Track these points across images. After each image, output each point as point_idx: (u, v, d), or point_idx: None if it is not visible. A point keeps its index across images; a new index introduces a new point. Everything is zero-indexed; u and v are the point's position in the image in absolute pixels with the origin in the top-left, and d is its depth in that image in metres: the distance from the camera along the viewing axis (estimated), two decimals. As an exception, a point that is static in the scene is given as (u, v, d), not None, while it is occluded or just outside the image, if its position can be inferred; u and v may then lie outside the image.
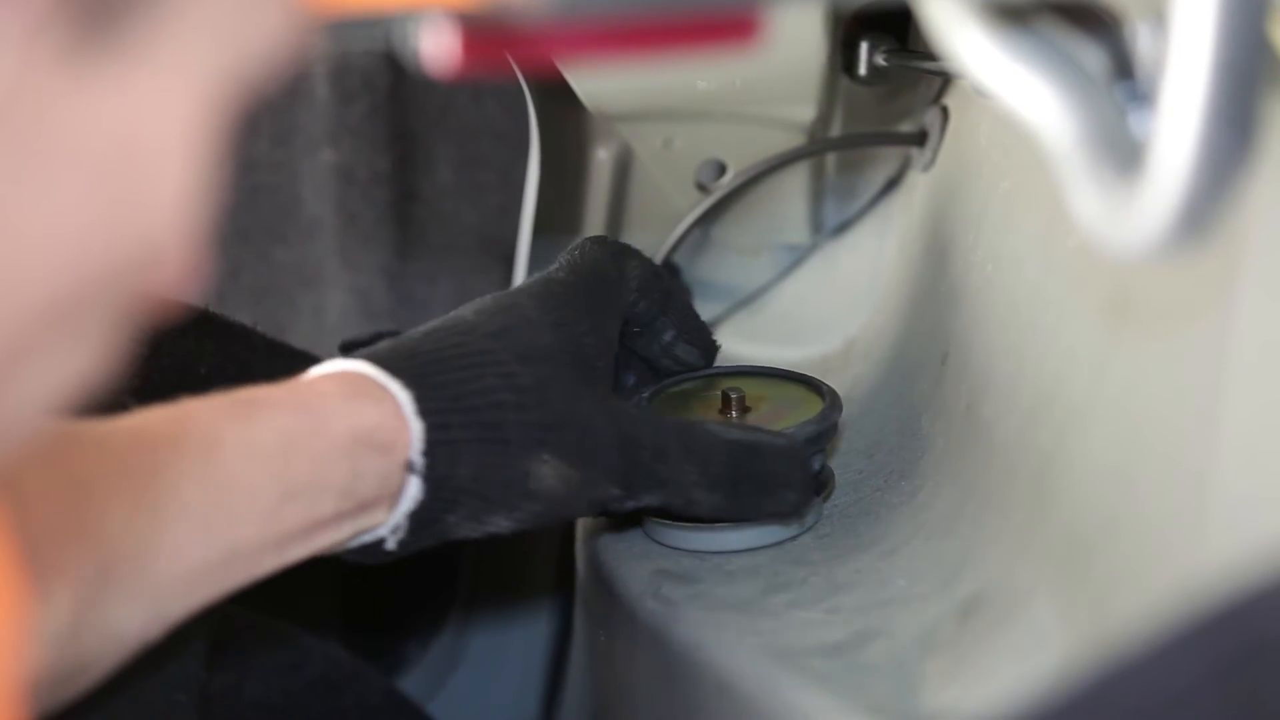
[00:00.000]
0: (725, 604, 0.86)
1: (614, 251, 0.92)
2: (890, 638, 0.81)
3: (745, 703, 0.81)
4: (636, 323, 0.93)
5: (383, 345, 0.82)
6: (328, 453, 0.77)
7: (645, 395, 0.94)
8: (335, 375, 0.80)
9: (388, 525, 0.80)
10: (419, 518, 0.80)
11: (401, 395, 0.79)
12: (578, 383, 0.84)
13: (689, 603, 0.87)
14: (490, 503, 0.81)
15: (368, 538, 0.80)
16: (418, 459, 0.79)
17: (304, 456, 0.76)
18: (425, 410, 0.79)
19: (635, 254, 0.93)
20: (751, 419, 0.93)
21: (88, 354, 0.43)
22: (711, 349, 0.97)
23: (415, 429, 0.79)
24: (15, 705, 0.42)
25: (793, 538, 0.92)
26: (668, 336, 0.94)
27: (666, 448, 0.85)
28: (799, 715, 0.78)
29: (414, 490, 0.79)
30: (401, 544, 0.81)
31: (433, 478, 0.79)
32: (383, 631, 1.28)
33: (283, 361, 0.96)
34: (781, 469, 0.87)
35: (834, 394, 0.93)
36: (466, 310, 0.86)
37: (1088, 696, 0.53)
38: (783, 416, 0.92)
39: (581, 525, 1.00)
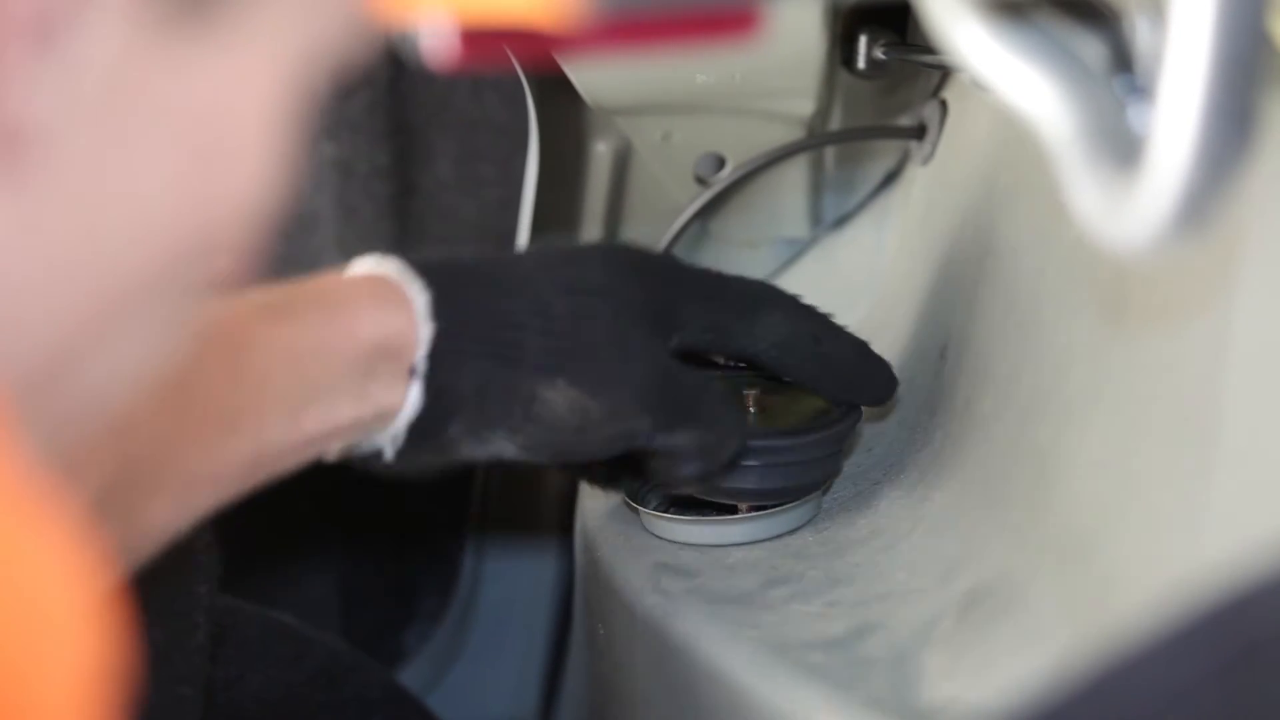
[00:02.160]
0: (724, 597, 0.86)
1: (755, 289, 0.90)
2: (889, 631, 0.81)
3: (744, 696, 0.81)
4: (783, 374, 0.91)
5: (435, 256, 0.82)
6: (350, 359, 0.76)
7: None
8: (367, 278, 0.79)
9: (388, 434, 0.79)
10: (418, 428, 0.79)
11: (419, 298, 0.78)
12: (621, 321, 0.82)
13: (688, 596, 0.87)
14: (490, 419, 0.80)
15: (368, 447, 0.79)
16: (421, 362, 0.78)
17: (328, 360, 0.76)
18: (439, 314, 0.78)
19: (783, 305, 0.90)
20: (763, 420, 0.93)
21: (158, 339, 0.43)
22: (886, 390, 0.93)
23: (424, 333, 0.78)
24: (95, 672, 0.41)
25: (792, 531, 0.92)
26: (828, 392, 0.92)
27: (708, 388, 0.84)
28: (798, 709, 0.78)
29: (414, 397, 0.78)
30: (400, 454, 0.79)
31: (433, 386, 0.78)
32: (383, 624, 1.28)
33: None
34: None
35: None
36: (534, 245, 0.85)
37: (1088, 692, 0.53)
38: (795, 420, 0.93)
39: (581, 518, 1.00)
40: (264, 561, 1.23)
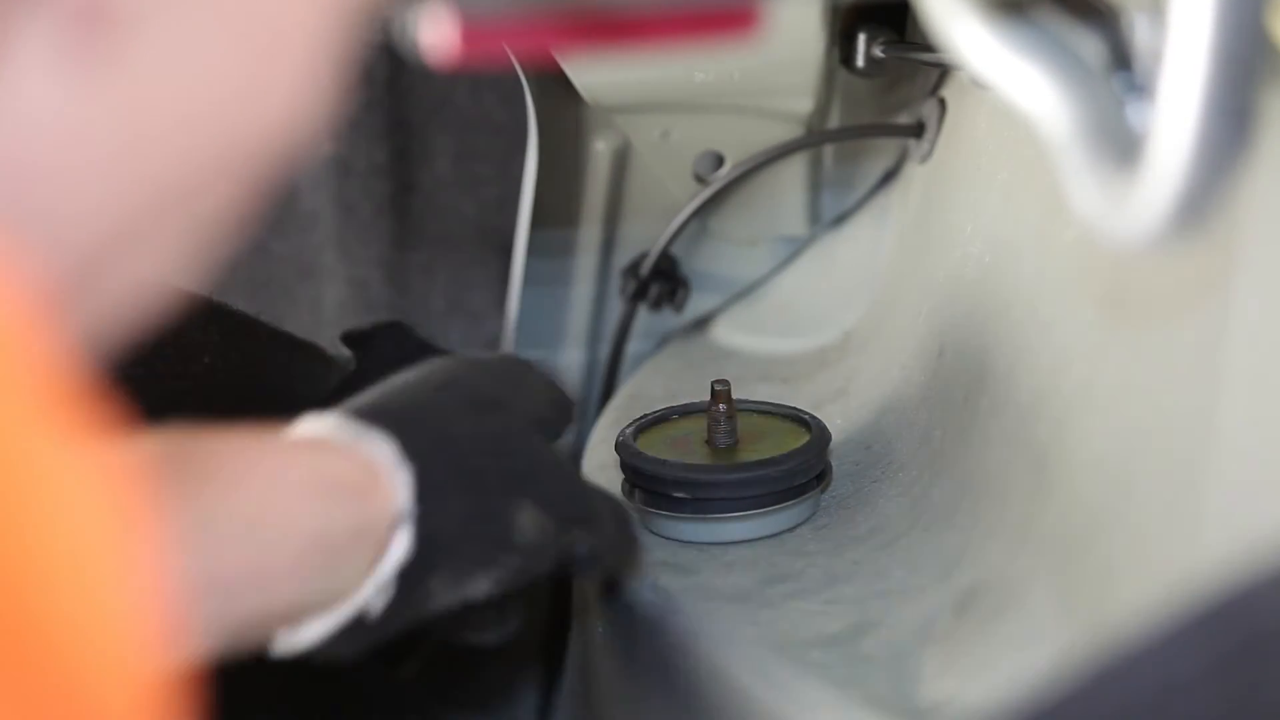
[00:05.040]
0: (723, 595, 0.86)
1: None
2: (888, 629, 0.81)
3: (743, 694, 0.81)
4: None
5: (345, 406, 0.76)
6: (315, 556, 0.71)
7: (630, 428, 0.95)
8: (316, 449, 0.73)
9: (373, 583, 0.72)
10: (406, 578, 0.73)
11: (385, 444, 0.73)
12: (530, 431, 0.79)
13: (687, 594, 0.87)
14: (471, 558, 0.75)
15: (348, 611, 0.72)
16: (409, 505, 0.72)
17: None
18: (413, 453, 0.73)
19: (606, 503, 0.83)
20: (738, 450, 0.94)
21: (183, 252, 0.43)
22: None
23: (402, 476, 0.72)
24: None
25: (791, 529, 0.92)
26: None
27: (596, 501, 0.80)
28: (797, 706, 0.78)
29: (402, 544, 0.72)
30: (388, 609, 0.73)
31: (423, 530, 0.73)
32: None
33: (284, 353, 0.96)
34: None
35: (822, 428, 0.93)
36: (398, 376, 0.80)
37: (1086, 688, 0.53)
38: (766, 448, 0.93)
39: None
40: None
